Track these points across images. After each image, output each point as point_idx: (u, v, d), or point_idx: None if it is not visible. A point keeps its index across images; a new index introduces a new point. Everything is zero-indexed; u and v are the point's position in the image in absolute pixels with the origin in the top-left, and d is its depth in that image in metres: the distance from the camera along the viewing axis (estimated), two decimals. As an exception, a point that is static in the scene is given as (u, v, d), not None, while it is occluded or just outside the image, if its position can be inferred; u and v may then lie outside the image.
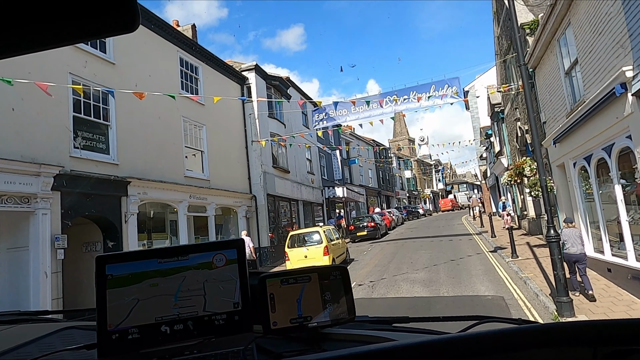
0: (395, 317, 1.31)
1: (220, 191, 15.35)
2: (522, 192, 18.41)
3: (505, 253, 13.44)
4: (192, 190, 13.69)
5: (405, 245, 18.85)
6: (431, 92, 15.60)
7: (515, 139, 17.14)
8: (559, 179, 11.56)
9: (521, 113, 15.52)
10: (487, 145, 28.02)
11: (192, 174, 14.13)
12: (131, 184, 11.11)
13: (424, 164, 67.46)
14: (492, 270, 11.57)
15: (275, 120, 20.11)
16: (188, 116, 14.42)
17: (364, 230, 23.12)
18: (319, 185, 26.51)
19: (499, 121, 21.45)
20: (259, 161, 18.12)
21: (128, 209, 10.99)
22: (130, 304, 0.94)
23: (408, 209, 43.30)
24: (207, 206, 14.69)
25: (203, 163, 15.05)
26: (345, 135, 37.09)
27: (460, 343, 0.76)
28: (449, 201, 59.68)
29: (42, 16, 0.57)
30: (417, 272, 12.14)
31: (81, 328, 1.32)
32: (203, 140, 15.16)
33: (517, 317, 1.38)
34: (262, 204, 17.80)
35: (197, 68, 15.58)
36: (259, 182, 17.95)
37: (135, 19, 0.60)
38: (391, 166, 49.11)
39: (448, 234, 21.98)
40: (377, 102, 16.39)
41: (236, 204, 16.63)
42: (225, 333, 1.00)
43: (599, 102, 7.58)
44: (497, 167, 23.81)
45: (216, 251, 1.02)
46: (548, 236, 7.24)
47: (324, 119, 17.20)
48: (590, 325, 0.79)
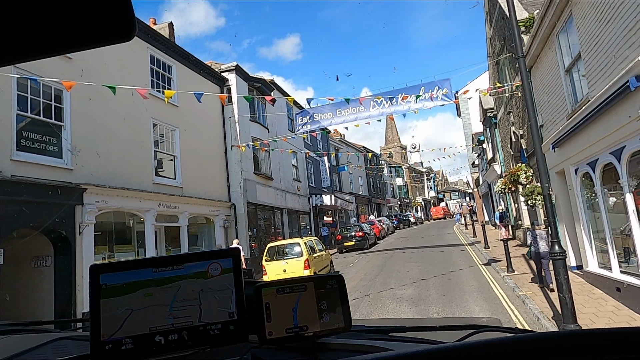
0: (392, 327, 1.31)
1: (195, 199, 14.24)
2: (516, 200, 17.53)
3: (500, 266, 12.48)
4: (161, 198, 12.58)
5: (394, 257, 17.84)
6: (421, 94, 14.72)
7: (509, 145, 16.29)
8: (558, 187, 10.65)
9: (515, 117, 14.67)
10: (480, 152, 27.22)
11: (162, 181, 13.02)
12: (88, 191, 9.98)
13: (415, 171, 66.75)
14: (486, 286, 10.59)
15: (258, 124, 19.09)
16: (159, 118, 13.34)
17: (351, 240, 22.08)
18: (306, 193, 25.46)
19: (491, 126, 20.65)
20: (239, 167, 17.04)
21: (83, 219, 9.85)
22: (124, 314, 0.91)
23: (399, 217, 42.33)
24: (179, 215, 13.57)
25: (175, 169, 13.94)
26: (334, 142, 36.16)
27: (457, 353, 0.75)
28: (440, 209, 58.93)
29: (39, 26, 0.58)
30: (405, 288, 11.11)
31: (74, 338, 1.31)
32: (176, 144, 14.07)
33: (514, 327, 1.46)
34: (242, 212, 16.69)
35: (171, 67, 14.53)
36: (239, 190, 16.85)
37: (132, 28, 0.60)
38: (381, 173, 48.21)
39: (439, 244, 21.03)
40: (364, 105, 15.48)
41: (213, 213, 15.51)
42: (221, 343, 0.96)
43: (607, 100, 6.67)
44: (490, 174, 22.98)
45: (211, 260, 1.00)
46: (552, 252, 6.27)
47: (307, 122, 16.22)
48: (590, 334, 0.79)
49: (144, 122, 12.62)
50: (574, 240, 10.13)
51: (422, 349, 0.77)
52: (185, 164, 14.31)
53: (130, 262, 0.96)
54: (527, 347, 0.75)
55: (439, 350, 0.77)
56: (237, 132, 17.23)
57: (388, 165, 55.50)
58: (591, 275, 9.08)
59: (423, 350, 0.77)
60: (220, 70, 17.57)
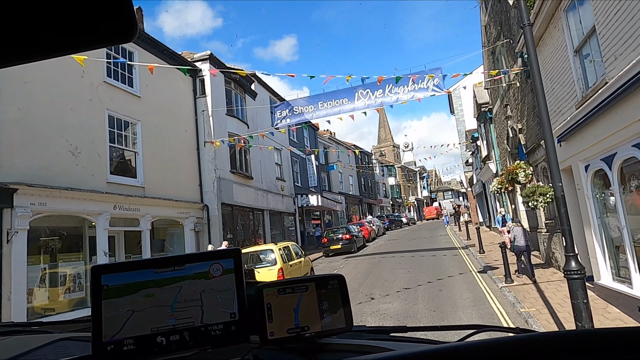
0: (393, 327, 1.32)
1: (160, 200, 12.80)
2: (513, 201, 16.29)
3: (497, 275, 11.22)
4: (117, 200, 11.14)
5: (382, 262, 16.52)
6: (410, 85, 13.42)
7: (505, 141, 15.03)
8: (564, 187, 9.37)
9: (513, 110, 13.41)
10: (474, 150, 25.99)
11: (119, 180, 11.58)
12: (19, 192, 8.54)
13: (408, 170, 65.58)
14: (482, 299, 9.29)
15: (236, 119, 17.66)
16: (116, 109, 11.88)
17: (338, 243, 20.70)
18: (291, 193, 24.07)
19: (486, 122, 19.41)
20: (213, 165, 15.61)
21: (13, 225, 8.40)
22: (125, 315, 0.91)
23: (391, 218, 41.05)
24: (141, 219, 12.13)
25: (137, 167, 12.49)
26: (323, 140, 34.82)
27: (458, 352, 0.74)
28: (433, 209, 57.81)
29: (39, 26, 0.57)
30: (391, 302, 9.78)
31: (75, 339, 1.31)
32: (137, 139, 12.62)
33: (515, 327, 1.40)
34: (216, 214, 15.26)
35: (132, 54, 13.07)
36: (212, 190, 15.42)
37: (133, 28, 0.60)
38: (370, 172, 46.89)
39: (431, 247, 19.76)
40: (347, 97, 14.16)
41: (182, 216, 14.08)
42: (222, 344, 0.97)
43: (632, 80, 5.39)
44: (485, 173, 21.77)
45: (213, 261, 1.00)
46: (567, 270, 4.95)
47: (287, 115, 14.85)
48: (591, 334, 0.79)
49: (96, 113, 11.16)
50: (583, 248, 8.86)
51: (423, 349, 0.76)
52: (149, 162, 12.87)
53: (132, 263, 0.95)
54: (529, 347, 0.75)
55: (440, 350, 0.75)
56: (211, 126, 15.80)
57: (380, 165, 54.25)
58: (604, 289, 7.81)
59: (424, 350, 0.76)
60: (192, 59, 16.11)
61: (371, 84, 14.04)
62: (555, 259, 10.66)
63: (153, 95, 13.30)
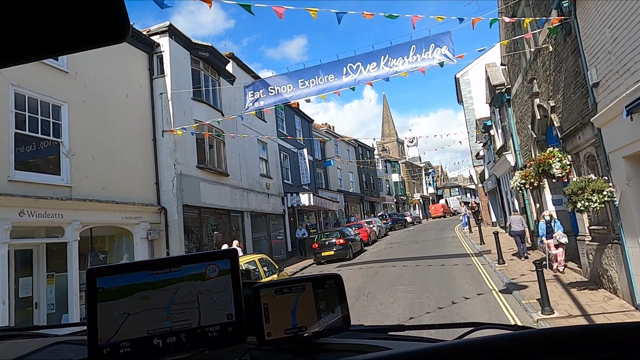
0: (391, 326, 1.30)
1: (94, 203, 10.11)
2: (538, 199, 13.43)
3: (528, 298, 8.45)
4: (24, 203, 8.47)
5: (379, 274, 13.75)
6: (410, 56, 10.63)
7: (530, 126, 12.18)
8: (629, 180, 6.56)
9: (542, 84, 10.55)
10: (486, 141, 23.08)
11: (29, 177, 8.89)
12: None
13: (413, 166, 62.61)
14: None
15: (205, 105, 14.92)
16: (30, 86, 9.18)
17: (330, 249, 17.91)
18: (279, 192, 21.33)
19: (502, 106, 16.53)
20: (172, 159, 12.89)
21: None
22: (121, 317, 0.90)
23: (394, 217, 38.16)
24: (66, 227, 9.46)
25: (61, 161, 9.79)
26: (319, 133, 32.07)
27: (456, 350, 0.73)
28: (440, 207, 54.78)
29: (33, 28, 0.57)
30: (385, 343, 7.02)
31: (71, 343, 1.28)
32: (62, 126, 9.90)
33: (513, 324, 1.33)
34: (175, 219, 12.55)
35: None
36: (171, 189, 12.71)
37: (125, 29, 0.59)
38: (372, 168, 43.99)
39: (438, 254, 16.95)
40: (334, 73, 11.41)
41: (130, 222, 11.38)
42: (219, 345, 0.95)
43: None
44: (500, 166, 18.89)
45: (209, 262, 0.98)
46: None
47: (261, 97, 12.11)
48: (589, 330, 0.75)
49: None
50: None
51: (421, 348, 0.75)
52: (81, 155, 10.17)
53: (127, 265, 0.94)
54: (526, 344, 0.73)
55: (438, 349, 0.74)
56: (171, 112, 13.07)
57: (383, 160, 51.37)
58: None
59: (422, 348, 0.74)
60: (148, 32, 13.37)
61: (362, 55, 11.27)
62: (609, 279, 7.85)
63: (89, 72, 10.60)
